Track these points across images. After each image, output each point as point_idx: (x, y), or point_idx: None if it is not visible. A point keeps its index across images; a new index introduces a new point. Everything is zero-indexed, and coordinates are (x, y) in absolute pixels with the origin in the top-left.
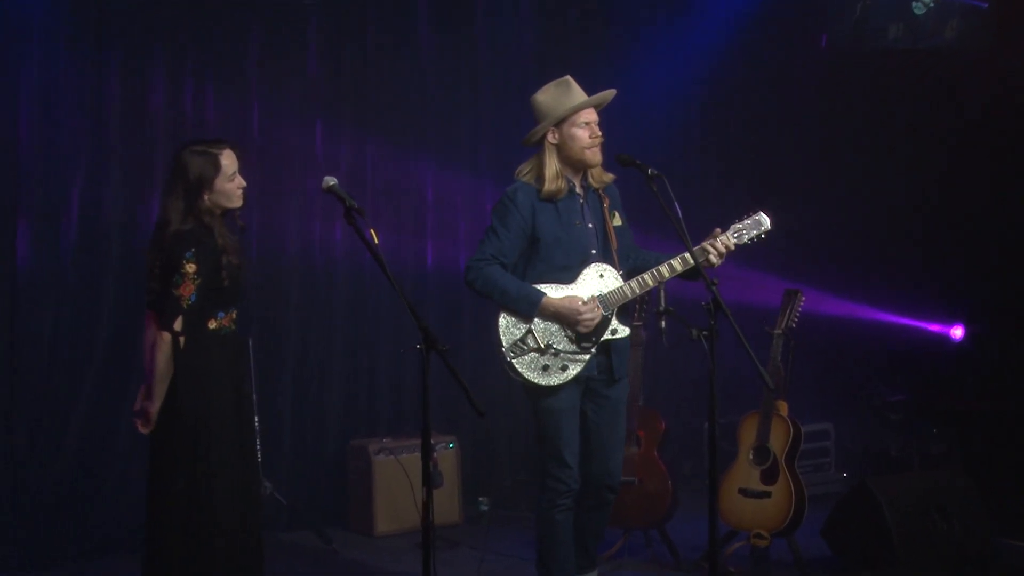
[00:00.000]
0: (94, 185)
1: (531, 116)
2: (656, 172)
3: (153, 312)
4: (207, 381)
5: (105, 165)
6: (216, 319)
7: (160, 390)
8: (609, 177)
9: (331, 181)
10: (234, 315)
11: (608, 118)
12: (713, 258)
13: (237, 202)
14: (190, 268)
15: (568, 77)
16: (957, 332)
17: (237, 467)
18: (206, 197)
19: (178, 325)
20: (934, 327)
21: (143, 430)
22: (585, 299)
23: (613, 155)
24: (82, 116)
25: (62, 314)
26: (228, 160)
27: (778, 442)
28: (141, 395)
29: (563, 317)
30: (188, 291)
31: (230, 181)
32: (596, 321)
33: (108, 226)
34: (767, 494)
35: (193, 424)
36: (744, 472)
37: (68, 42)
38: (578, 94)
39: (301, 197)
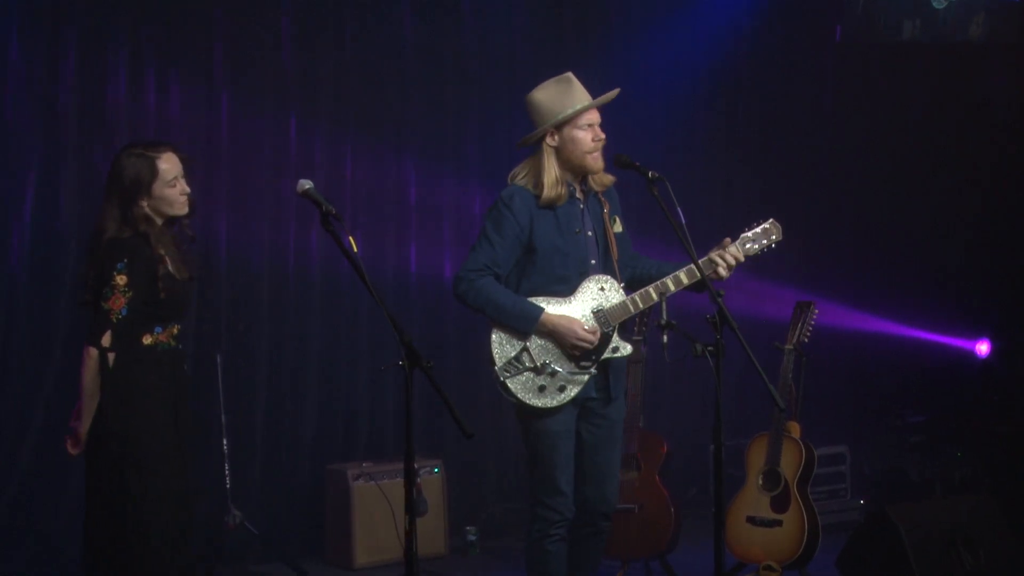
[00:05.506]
0: (48, 187)
1: (524, 111)
2: (657, 175)
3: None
4: (137, 401)
5: (60, 165)
6: (152, 334)
7: (89, 409)
8: (609, 179)
9: (306, 184)
10: (175, 330)
11: (604, 115)
12: (722, 271)
13: (180, 209)
14: (120, 280)
15: (569, 74)
16: (983, 347)
17: (173, 496)
18: (144, 203)
19: (106, 341)
20: (958, 342)
21: (72, 451)
22: (587, 327)
23: (611, 156)
24: (35, 111)
25: (13, 328)
26: (167, 164)
27: (789, 466)
28: (74, 414)
29: (559, 335)
30: (118, 305)
31: (170, 187)
32: (590, 347)
33: (64, 233)
34: (778, 522)
35: (119, 450)
36: (753, 499)
37: (21, 29)
38: (581, 93)
39: (274, 200)
